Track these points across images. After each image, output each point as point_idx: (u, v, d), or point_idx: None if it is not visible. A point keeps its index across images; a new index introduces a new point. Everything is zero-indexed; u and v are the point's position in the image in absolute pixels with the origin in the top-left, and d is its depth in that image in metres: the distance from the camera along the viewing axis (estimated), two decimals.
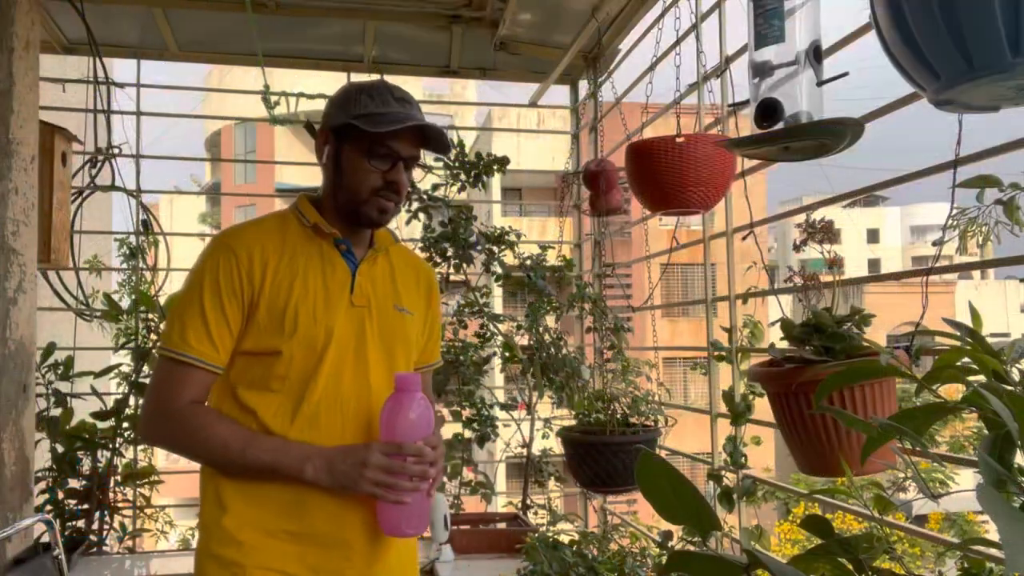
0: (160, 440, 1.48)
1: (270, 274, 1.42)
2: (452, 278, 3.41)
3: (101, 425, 3.08)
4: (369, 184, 1.45)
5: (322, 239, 1.48)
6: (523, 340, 3.30)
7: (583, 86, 3.82)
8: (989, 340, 0.84)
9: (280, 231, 1.49)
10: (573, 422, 2.93)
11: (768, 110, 1.24)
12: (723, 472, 2.40)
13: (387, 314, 1.51)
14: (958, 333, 0.86)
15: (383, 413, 1.38)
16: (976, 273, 27.69)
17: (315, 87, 4.04)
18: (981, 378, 0.79)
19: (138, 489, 3.26)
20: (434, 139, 1.49)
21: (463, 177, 3.36)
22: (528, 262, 3.40)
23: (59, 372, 3.08)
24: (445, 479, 3.39)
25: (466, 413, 3.42)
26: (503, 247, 3.36)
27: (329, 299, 1.44)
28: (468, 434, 3.44)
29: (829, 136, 1.24)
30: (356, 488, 1.34)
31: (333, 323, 1.42)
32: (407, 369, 1.54)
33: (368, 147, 1.44)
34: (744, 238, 2.23)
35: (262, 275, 1.42)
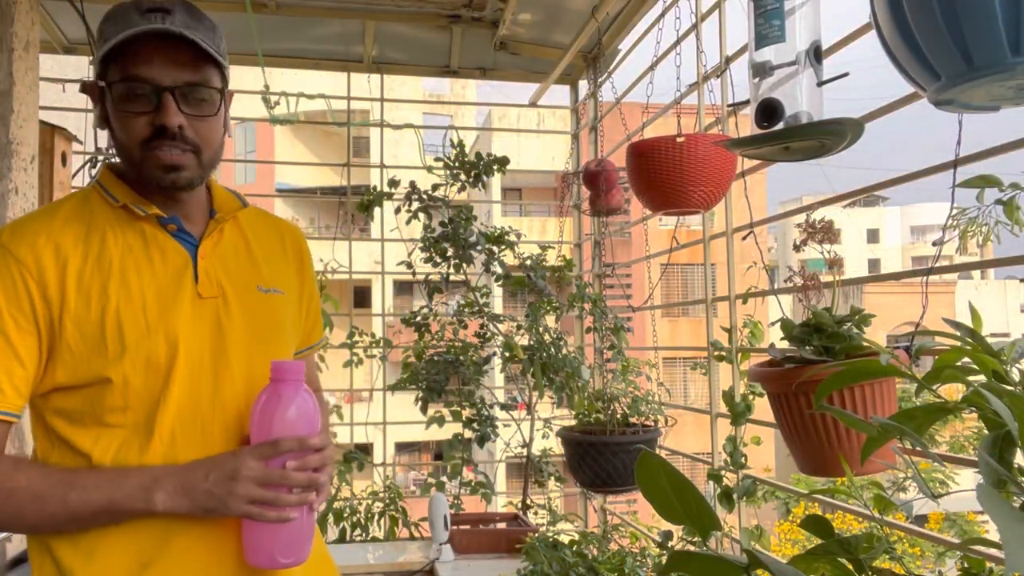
0: None
1: (72, 279, 1.06)
2: (452, 278, 3.42)
3: None
4: (135, 135, 1.08)
5: (143, 221, 1.12)
6: (523, 340, 3.30)
7: (583, 86, 3.83)
8: (989, 340, 0.84)
9: (82, 217, 1.12)
10: (573, 422, 2.93)
11: (768, 110, 1.24)
12: (723, 472, 2.40)
13: (250, 300, 1.17)
14: (958, 333, 0.86)
15: (254, 410, 1.08)
16: (976, 273, 27.70)
17: (315, 86, 4.05)
18: (981, 378, 0.79)
19: None
20: (193, 41, 1.07)
21: (463, 177, 3.36)
22: (528, 262, 3.40)
23: None
24: (445, 479, 3.40)
25: (466, 413, 3.42)
26: (503, 247, 3.36)
27: (163, 297, 1.09)
28: (468, 434, 3.44)
29: (829, 136, 1.24)
30: (225, 510, 1.02)
31: (176, 327, 1.09)
32: None
33: (114, 88, 1.08)
34: (744, 238, 2.23)
35: (61, 283, 1.06)
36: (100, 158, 3.23)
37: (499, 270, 3.37)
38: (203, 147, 1.12)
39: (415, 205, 3.34)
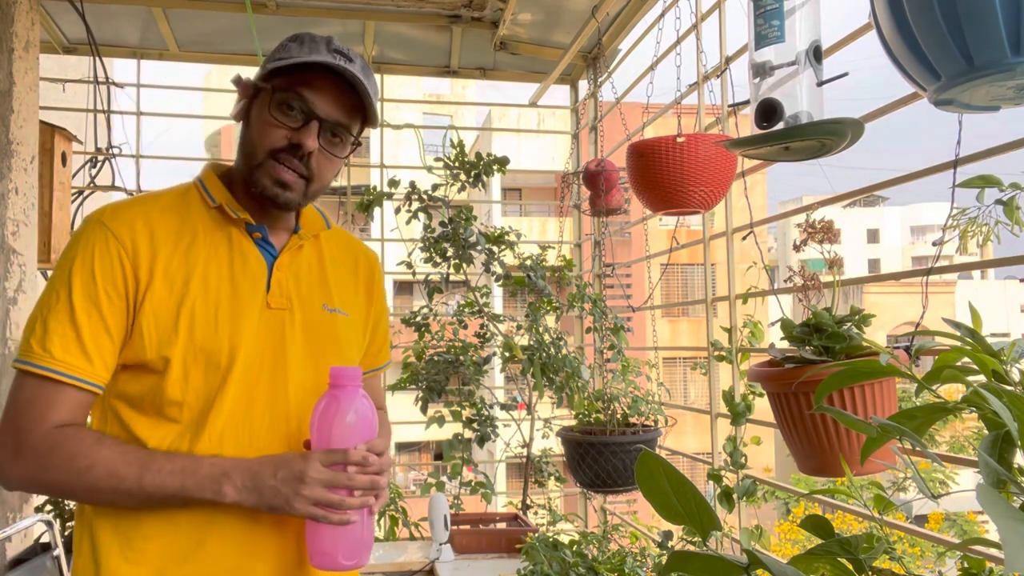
0: (25, 480, 1.09)
1: (160, 267, 1.12)
2: (452, 278, 3.42)
3: None
4: (268, 141, 1.14)
5: (232, 224, 1.18)
6: (523, 340, 3.30)
7: (583, 86, 3.83)
8: (989, 340, 0.84)
9: (178, 211, 1.18)
10: (573, 422, 2.93)
11: (768, 110, 1.24)
12: (723, 472, 2.40)
13: (314, 316, 1.22)
14: (958, 333, 0.86)
15: (315, 414, 1.11)
16: (976, 273, 27.71)
17: None
18: (981, 378, 0.79)
19: None
20: (363, 101, 1.17)
21: (463, 177, 3.36)
22: (528, 262, 3.40)
23: None
24: (445, 479, 3.40)
25: (466, 413, 3.43)
26: (503, 247, 3.37)
27: (237, 301, 1.15)
28: (468, 434, 3.44)
29: (829, 136, 1.24)
30: (289, 508, 1.06)
31: (240, 333, 1.13)
32: None
33: (275, 95, 1.15)
34: (744, 238, 2.23)
35: (150, 267, 1.11)
36: (100, 158, 3.23)
37: (499, 270, 3.37)
38: (315, 180, 1.18)
39: (415, 205, 3.34)
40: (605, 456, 2.55)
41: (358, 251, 1.37)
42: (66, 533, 2.96)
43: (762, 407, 2.05)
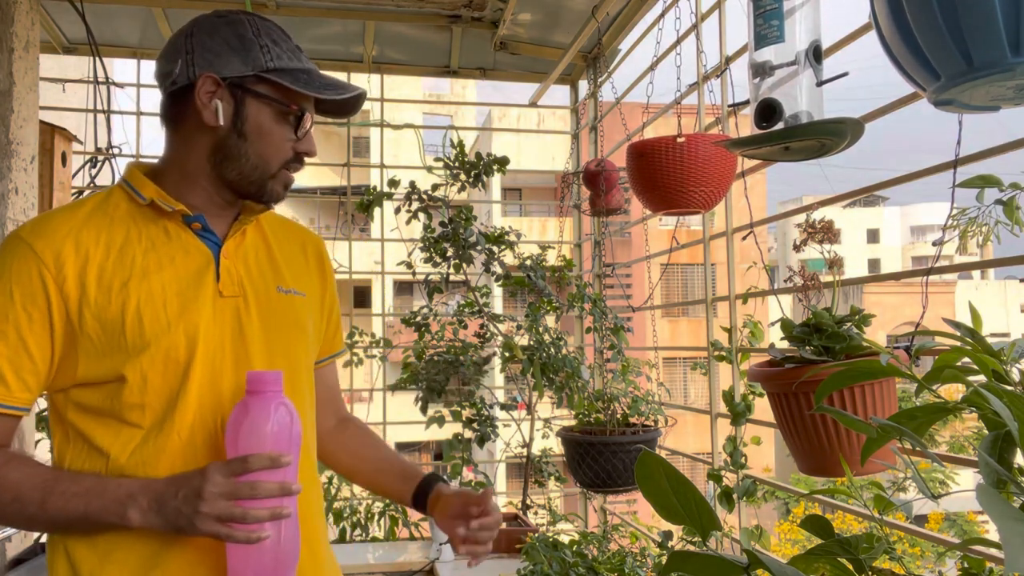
0: None
1: (93, 275, 1.07)
2: (452, 278, 3.42)
3: None
4: (283, 155, 1.17)
5: (166, 218, 1.14)
6: (523, 340, 3.30)
7: (583, 86, 3.83)
8: (989, 340, 0.84)
9: (105, 215, 1.13)
10: (573, 422, 2.93)
11: (768, 110, 1.24)
12: (723, 472, 2.40)
13: (270, 300, 1.18)
14: (958, 333, 0.86)
15: (228, 425, 1.03)
16: (976, 273, 27.71)
17: None
18: (981, 378, 0.79)
19: None
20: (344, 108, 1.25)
21: (463, 177, 3.36)
22: (528, 262, 3.40)
23: None
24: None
25: (466, 413, 3.42)
26: (503, 247, 3.36)
27: (184, 294, 1.10)
28: (468, 434, 3.44)
29: (829, 136, 1.24)
30: (193, 530, 0.98)
31: (195, 324, 1.09)
32: (311, 366, 1.24)
33: (284, 110, 1.16)
34: (744, 238, 2.23)
35: (80, 278, 1.06)
36: (100, 158, 3.23)
37: (499, 270, 3.37)
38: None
39: (415, 205, 3.34)
40: (605, 456, 2.55)
41: (303, 234, 1.35)
42: None
43: (762, 407, 2.05)
